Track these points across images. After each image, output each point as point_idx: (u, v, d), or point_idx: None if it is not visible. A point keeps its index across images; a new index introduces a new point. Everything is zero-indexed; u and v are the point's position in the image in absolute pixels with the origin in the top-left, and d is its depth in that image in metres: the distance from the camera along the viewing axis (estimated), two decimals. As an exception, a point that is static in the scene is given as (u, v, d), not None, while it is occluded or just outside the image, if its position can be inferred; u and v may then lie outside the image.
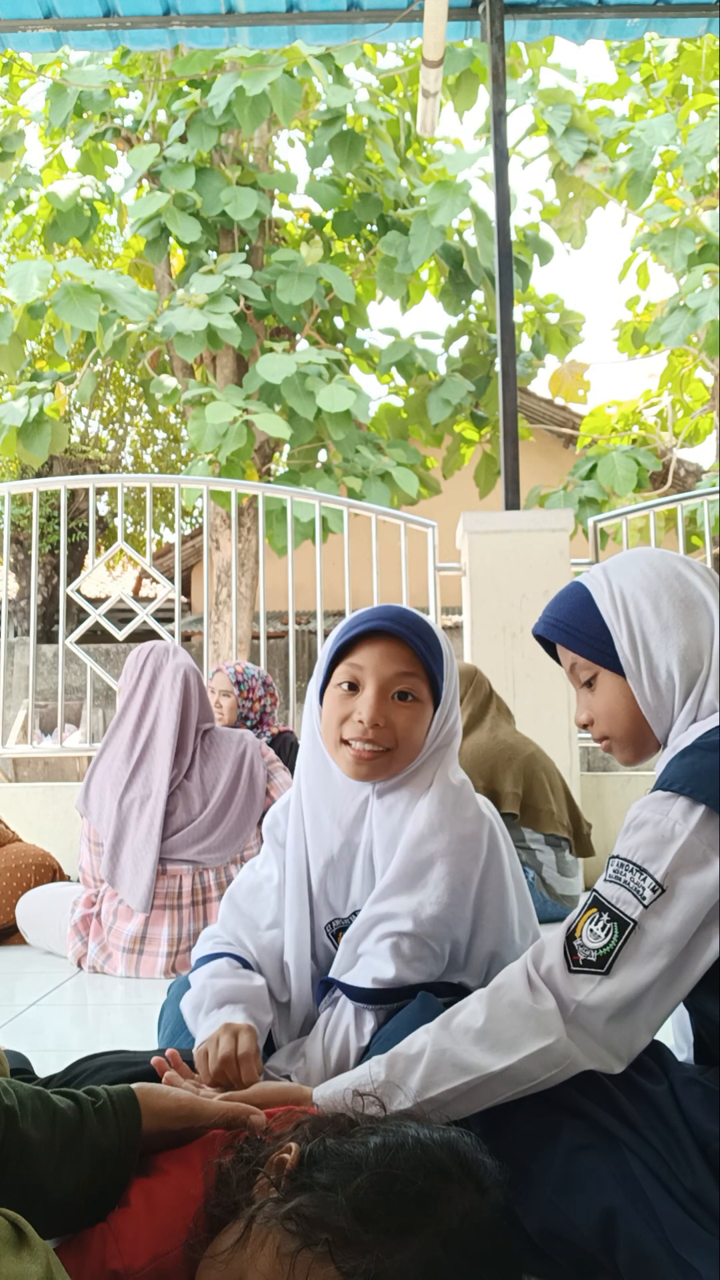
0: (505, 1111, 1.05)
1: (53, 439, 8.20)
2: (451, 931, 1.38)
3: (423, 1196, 0.79)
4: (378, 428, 9.52)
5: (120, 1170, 0.89)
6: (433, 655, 1.40)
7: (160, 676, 2.83)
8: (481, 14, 4.66)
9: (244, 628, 8.91)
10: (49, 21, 4.82)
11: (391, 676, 1.38)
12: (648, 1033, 1.05)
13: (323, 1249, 0.76)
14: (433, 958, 1.37)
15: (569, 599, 1.25)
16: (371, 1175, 0.79)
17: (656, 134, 8.50)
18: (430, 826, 1.39)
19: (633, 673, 1.18)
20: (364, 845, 1.44)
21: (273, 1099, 1.05)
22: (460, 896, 1.38)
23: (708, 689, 1.16)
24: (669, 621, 1.17)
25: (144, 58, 9.15)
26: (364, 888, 1.44)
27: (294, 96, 7.57)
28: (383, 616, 1.40)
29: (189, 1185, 0.90)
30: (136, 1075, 1.16)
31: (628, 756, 1.24)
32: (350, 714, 1.38)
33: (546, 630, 1.26)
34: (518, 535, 4.19)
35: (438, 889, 1.36)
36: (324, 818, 1.46)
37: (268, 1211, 0.80)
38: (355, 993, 1.36)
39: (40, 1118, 0.86)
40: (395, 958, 1.34)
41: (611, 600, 1.20)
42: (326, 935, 1.47)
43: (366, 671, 1.38)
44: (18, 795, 4.31)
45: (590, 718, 1.25)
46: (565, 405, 12.53)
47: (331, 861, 1.45)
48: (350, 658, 1.40)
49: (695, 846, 1.04)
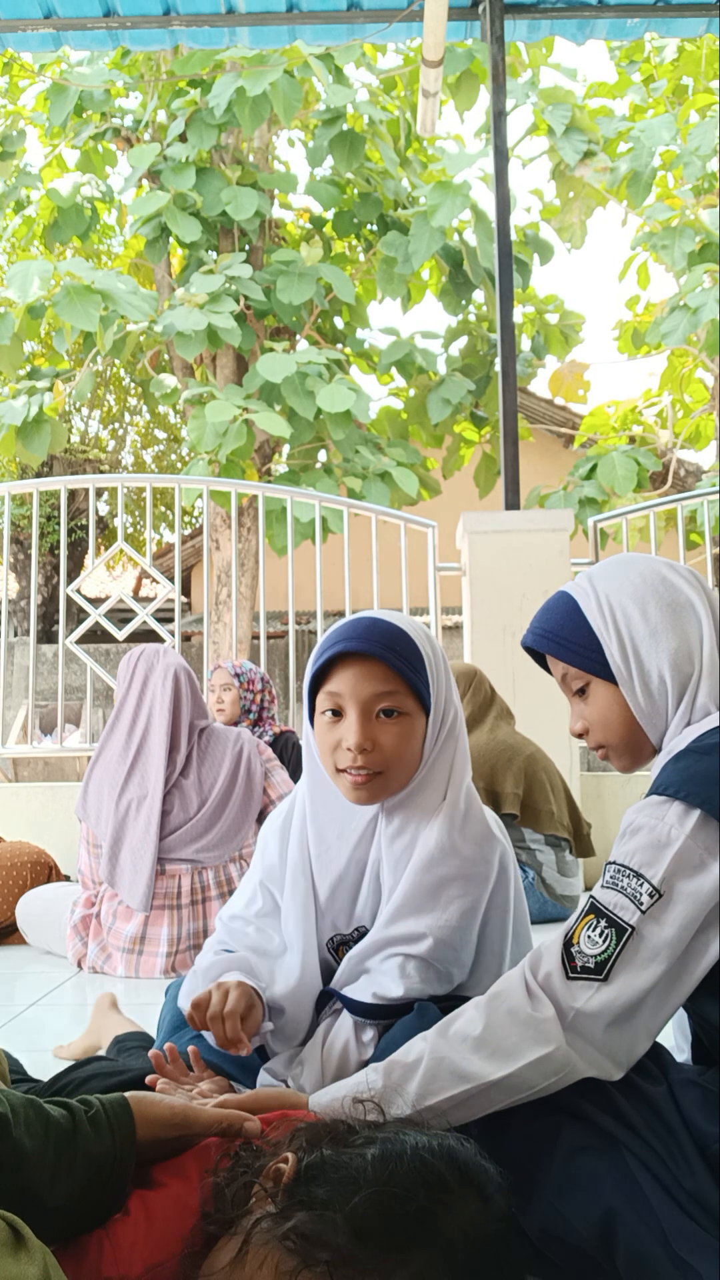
0: (504, 1114, 1.05)
1: (51, 438, 8.20)
2: (459, 955, 1.36)
3: (422, 1212, 0.79)
4: (378, 428, 9.52)
5: (115, 1178, 0.89)
6: (410, 666, 1.34)
7: (152, 677, 2.84)
8: (481, 14, 4.66)
9: (244, 628, 8.90)
10: (49, 21, 4.82)
11: (370, 697, 1.33)
12: (647, 1039, 1.05)
13: (322, 1269, 0.75)
14: (438, 979, 1.35)
15: (556, 609, 1.24)
16: (370, 1192, 0.78)
17: (656, 134, 8.50)
18: (441, 849, 1.36)
19: (624, 680, 1.18)
20: (371, 863, 1.41)
21: (268, 1104, 1.04)
22: (470, 919, 1.36)
23: (700, 691, 1.16)
24: (657, 627, 1.17)
25: (144, 58, 9.15)
26: (369, 904, 1.42)
27: (294, 96, 7.57)
28: (351, 636, 1.34)
29: (185, 1197, 0.89)
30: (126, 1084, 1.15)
31: (625, 763, 1.24)
32: (339, 742, 1.35)
33: (535, 642, 1.26)
34: (518, 535, 4.19)
35: (448, 912, 1.34)
36: (330, 836, 1.43)
37: (265, 1228, 0.79)
38: (356, 1007, 1.35)
39: (33, 1126, 0.85)
40: (402, 978, 1.32)
41: (599, 608, 1.20)
42: (328, 950, 1.45)
43: (345, 697, 1.34)
44: (18, 795, 4.31)
45: (585, 727, 1.24)
46: (565, 405, 12.53)
47: (337, 880, 1.42)
48: (328, 684, 1.35)
49: (692, 851, 1.03)
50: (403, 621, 1.38)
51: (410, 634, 1.36)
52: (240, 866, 2.80)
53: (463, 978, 1.39)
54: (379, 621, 1.36)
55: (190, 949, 2.67)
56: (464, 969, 1.38)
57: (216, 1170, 0.89)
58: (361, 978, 1.37)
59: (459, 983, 1.39)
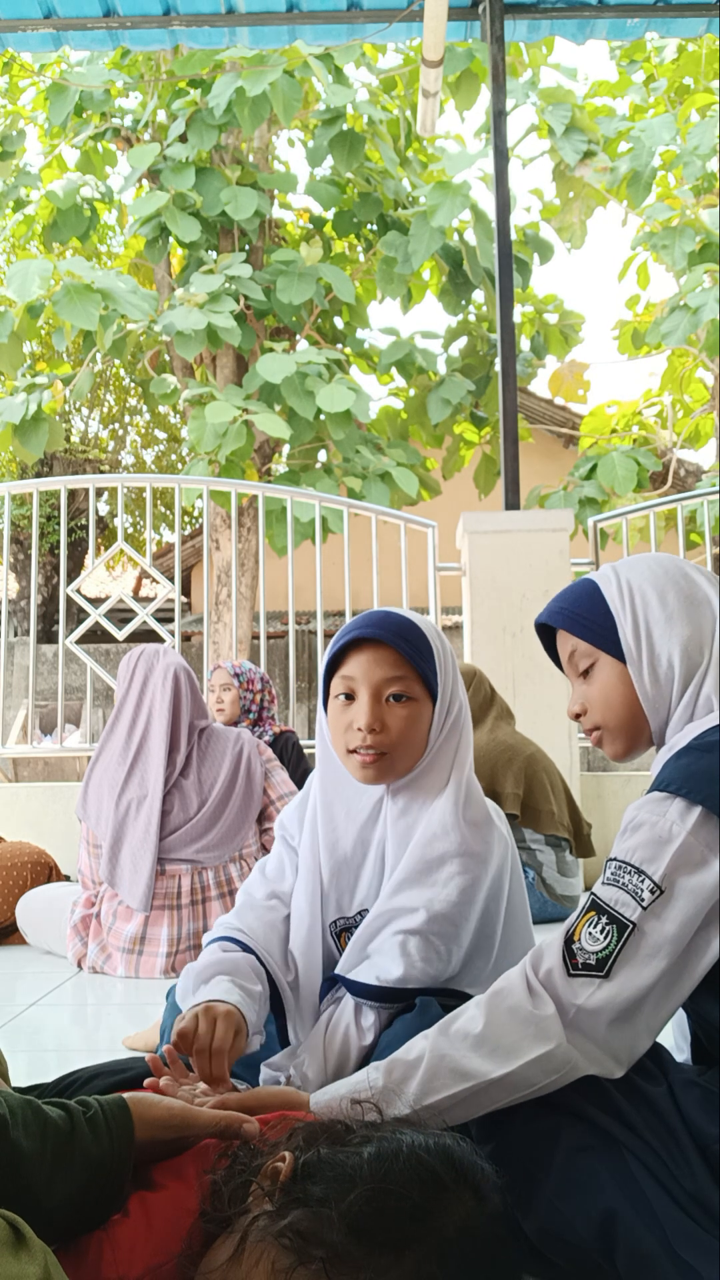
0: (503, 1114, 1.05)
1: (49, 437, 8.19)
2: (458, 932, 1.39)
3: (417, 1210, 0.79)
4: (378, 428, 9.52)
5: (114, 1179, 0.89)
6: (420, 654, 1.42)
7: (151, 677, 2.84)
8: (481, 14, 4.66)
9: (244, 628, 8.90)
10: (49, 21, 4.82)
11: (381, 681, 1.42)
12: (648, 1036, 1.05)
13: (318, 1266, 0.75)
14: (438, 959, 1.38)
15: (575, 590, 1.28)
16: (366, 1190, 0.78)
17: (656, 134, 8.50)
18: (443, 826, 1.41)
19: (633, 659, 1.20)
20: (376, 843, 1.47)
21: (268, 1104, 1.05)
22: (469, 897, 1.39)
23: (706, 683, 1.17)
24: (674, 613, 1.19)
25: (144, 58, 9.15)
26: (372, 887, 1.46)
27: (294, 96, 7.57)
28: (366, 624, 1.43)
29: (184, 1198, 0.89)
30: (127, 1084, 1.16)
31: (619, 749, 1.24)
32: (351, 723, 1.42)
33: (550, 617, 1.27)
34: (518, 535, 4.19)
35: (448, 887, 1.38)
36: (338, 814, 1.49)
37: (262, 1226, 0.80)
38: (359, 989, 1.37)
39: (31, 1127, 0.85)
40: (402, 956, 1.36)
41: (619, 590, 1.22)
42: (330, 936, 1.47)
43: (358, 680, 1.42)
44: (18, 795, 4.31)
45: (583, 708, 1.25)
46: (565, 405, 12.53)
47: (343, 859, 1.47)
48: (342, 669, 1.44)
49: (693, 847, 1.04)
50: (415, 616, 1.48)
51: (422, 627, 1.46)
52: (240, 866, 2.80)
53: (459, 959, 1.41)
54: (393, 614, 1.46)
55: (190, 949, 2.66)
56: (462, 949, 1.41)
57: (215, 1169, 0.89)
58: (363, 962, 1.40)
59: (456, 968, 1.41)
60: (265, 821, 2.91)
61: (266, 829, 2.91)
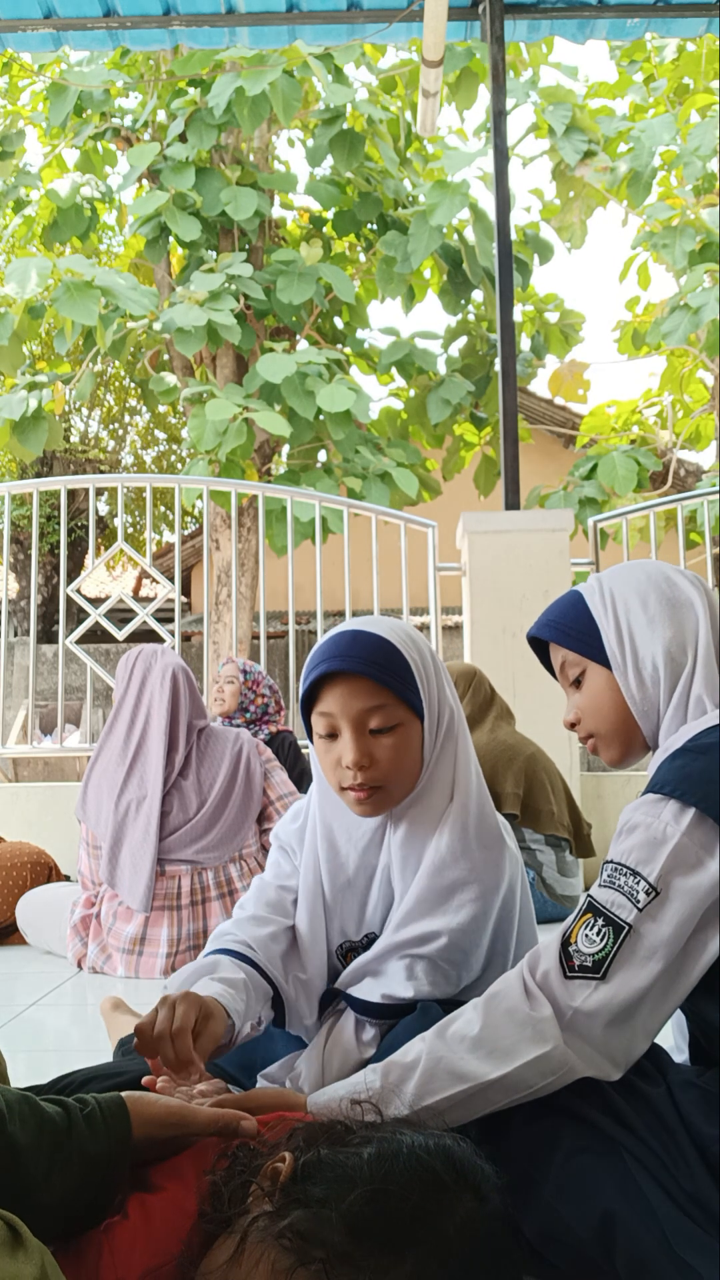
0: (502, 1115, 1.05)
1: (48, 436, 8.19)
2: (468, 958, 1.36)
3: (418, 1211, 0.79)
4: (378, 428, 9.52)
5: (111, 1178, 0.88)
6: (396, 676, 1.34)
7: (150, 677, 2.84)
8: (481, 14, 4.66)
9: (244, 628, 8.90)
10: (49, 21, 4.82)
11: (360, 713, 1.33)
12: (645, 1039, 1.05)
13: (317, 1267, 0.75)
14: (445, 982, 1.35)
15: (562, 602, 1.30)
16: (366, 1190, 0.78)
17: (656, 134, 8.50)
18: (453, 853, 1.36)
19: (618, 664, 1.21)
20: (381, 868, 1.42)
21: (266, 1104, 1.04)
22: (481, 923, 1.36)
23: (694, 685, 1.17)
24: (655, 616, 1.20)
25: (144, 58, 9.15)
26: (379, 910, 1.42)
27: (294, 96, 7.57)
28: (334, 655, 1.34)
29: (183, 1199, 0.89)
30: (124, 1085, 1.15)
31: (613, 755, 1.26)
32: (338, 760, 1.35)
33: (539, 630, 1.30)
34: (518, 535, 4.19)
35: (459, 915, 1.34)
36: (339, 838, 1.44)
37: (262, 1227, 0.79)
38: (363, 1006, 1.35)
39: (28, 1122, 0.85)
40: (410, 980, 1.32)
41: (601, 598, 1.24)
42: (336, 958, 1.45)
43: (336, 716, 1.34)
44: (18, 795, 4.31)
45: (578, 716, 1.27)
46: (565, 405, 12.53)
47: (346, 884, 1.43)
48: (319, 705, 1.36)
49: (688, 848, 1.04)
50: (385, 629, 1.37)
51: (393, 641, 1.36)
52: (240, 867, 2.79)
53: (469, 980, 1.39)
54: (360, 634, 1.36)
55: (190, 949, 2.66)
56: (472, 972, 1.38)
57: (214, 1170, 0.89)
58: (366, 979, 1.37)
59: (466, 986, 1.38)
60: (265, 822, 2.91)
61: (266, 829, 2.91)
